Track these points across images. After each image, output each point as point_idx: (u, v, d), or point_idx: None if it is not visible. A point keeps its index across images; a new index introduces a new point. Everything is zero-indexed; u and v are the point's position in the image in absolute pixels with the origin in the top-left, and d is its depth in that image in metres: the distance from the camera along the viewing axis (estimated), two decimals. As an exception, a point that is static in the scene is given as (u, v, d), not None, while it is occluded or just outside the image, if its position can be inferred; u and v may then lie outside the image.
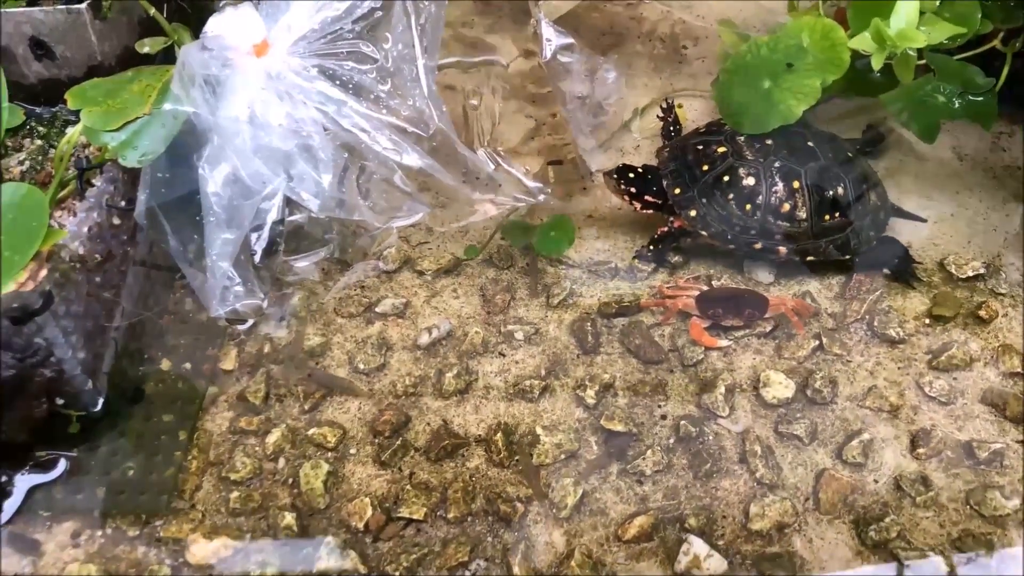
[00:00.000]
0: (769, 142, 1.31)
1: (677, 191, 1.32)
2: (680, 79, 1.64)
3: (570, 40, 1.34)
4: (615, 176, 1.35)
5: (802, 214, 1.28)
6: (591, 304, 1.32)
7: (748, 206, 1.28)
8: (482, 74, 1.54)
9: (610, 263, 1.37)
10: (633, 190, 1.34)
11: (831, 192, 1.29)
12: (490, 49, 1.65)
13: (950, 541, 1.08)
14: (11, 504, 1.11)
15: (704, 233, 1.31)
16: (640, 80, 1.62)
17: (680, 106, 1.53)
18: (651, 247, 1.36)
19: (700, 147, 1.34)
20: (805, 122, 1.35)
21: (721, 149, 1.32)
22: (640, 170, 1.36)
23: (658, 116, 1.50)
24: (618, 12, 1.75)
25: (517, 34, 1.69)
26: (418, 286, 1.35)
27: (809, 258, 1.31)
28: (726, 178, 1.29)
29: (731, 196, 1.29)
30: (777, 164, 1.29)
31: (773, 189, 1.28)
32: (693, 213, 1.30)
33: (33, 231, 0.99)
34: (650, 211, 1.36)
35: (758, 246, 1.30)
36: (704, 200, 1.30)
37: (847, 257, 1.32)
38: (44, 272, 1.02)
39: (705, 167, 1.31)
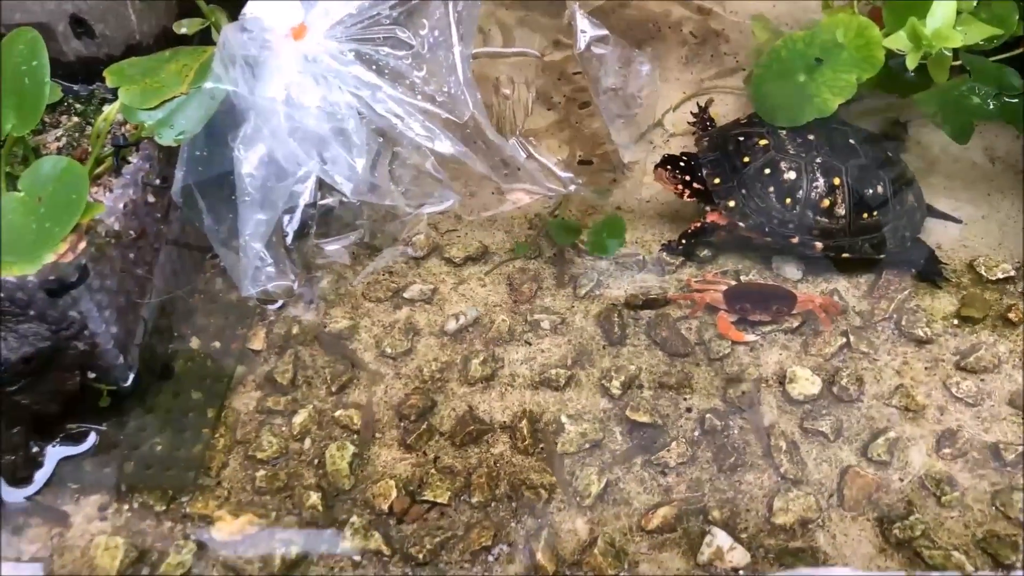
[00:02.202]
0: (811, 137, 1.31)
1: (717, 180, 1.32)
2: (712, 74, 1.63)
3: (604, 32, 1.34)
4: (668, 167, 1.35)
5: (841, 211, 1.28)
6: (618, 296, 1.32)
7: (788, 200, 1.28)
8: (515, 64, 1.55)
9: (638, 255, 1.37)
10: (687, 178, 1.34)
11: (871, 191, 1.29)
12: (524, 39, 1.65)
13: (975, 542, 1.08)
14: (41, 475, 1.12)
15: (741, 224, 1.31)
16: (672, 74, 1.62)
17: (711, 101, 1.53)
18: (682, 241, 1.36)
19: (741, 138, 1.34)
20: (845, 119, 1.35)
21: (763, 142, 1.32)
22: (685, 157, 1.36)
23: (689, 122, 1.50)
24: (651, 6, 1.75)
25: (551, 25, 1.69)
26: (446, 273, 1.35)
27: (844, 255, 1.31)
28: (767, 171, 1.29)
29: (771, 189, 1.29)
30: (819, 160, 1.29)
31: (814, 184, 1.28)
32: (732, 204, 1.30)
33: (73, 203, 1.00)
34: (695, 199, 1.36)
35: (795, 240, 1.30)
36: (743, 191, 1.30)
37: (881, 256, 1.32)
38: (83, 244, 1.03)
39: (746, 158, 1.31)
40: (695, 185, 1.34)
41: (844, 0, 1.50)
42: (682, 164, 1.35)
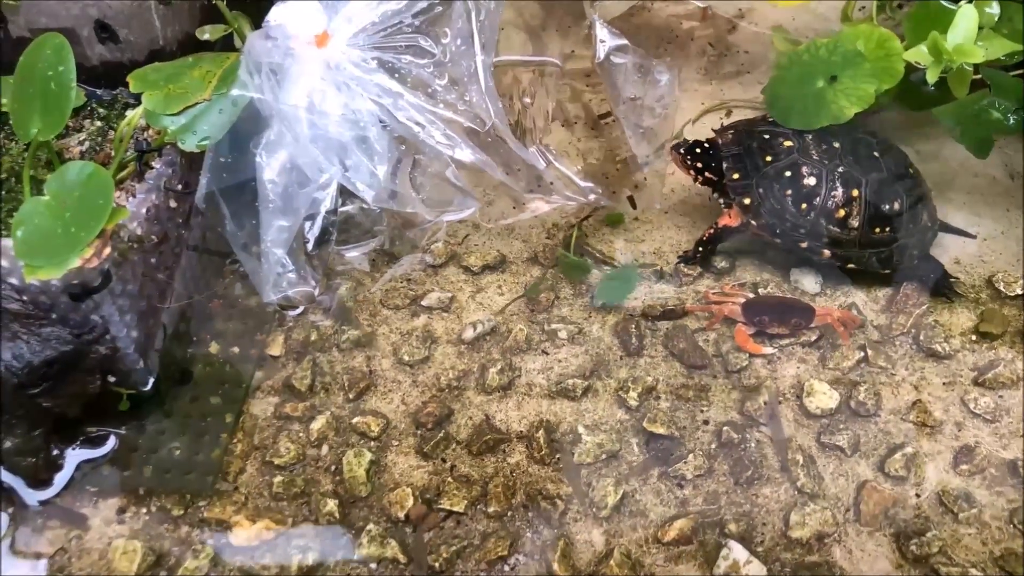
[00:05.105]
0: (837, 145, 1.31)
1: (736, 176, 1.32)
2: (731, 86, 1.63)
3: (624, 41, 1.34)
4: (682, 151, 1.36)
5: (855, 223, 1.28)
6: (635, 306, 1.32)
7: (804, 205, 1.28)
8: (536, 73, 1.55)
9: (655, 266, 1.37)
10: (699, 165, 1.35)
11: (887, 206, 1.29)
12: (545, 48, 1.65)
13: (992, 559, 1.08)
14: (61, 477, 1.13)
15: (753, 223, 1.31)
16: (691, 85, 1.62)
17: (729, 113, 1.53)
18: (698, 248, 1.36)
19: (766, 136, 1.34)
20: (873, 131, 1.35)
21: (788, 143, 1.31)
22: (705, 144, 1.37)
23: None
24: (670, 16, 1.75)
25: (571, 34, 1.70)
26: (463, 281, 1.36)
27: (850, 265, 1.31)
28: (787, 174, 1.29)
29: (789, 192, 1.29)
30: (841, 169, 1.29)
31: (832, 193, 1.28)
32: (747, 201, 1.30)
33: (98, 209, 1.01)
34: (706, 186, 1.37)
35: (804, 245, 1.30)
36: (761, 190, 1.30)
37: (887, 271, 1.32)
38: (108, 250, 1.04)
39: (768, 158, 1.31)
40: (707, 174, 1.35)
41: (863, 13, 1.51)
42: (698, 151, 1.36)
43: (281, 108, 1.14)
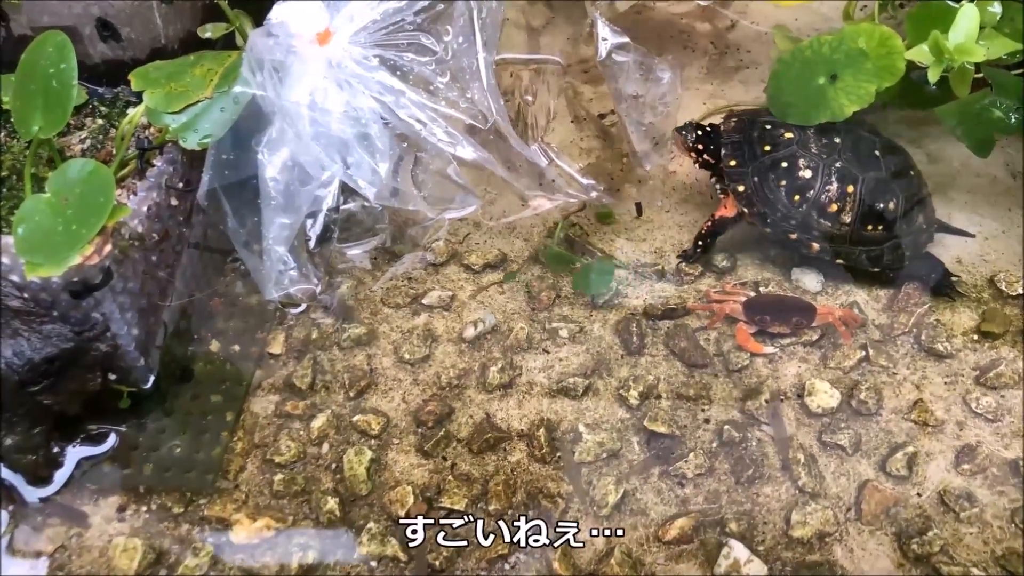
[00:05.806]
0: (837, 140, 1.31)
1: (733, 163, 1.32)
2: (732, 85, 1.63)
3: (626, 39, 1.34)
4: (683, 132, 1.37)
5: (847, 218, 1.28)
6: (636, 305, 1.32)
7: (797, 197, 1.28)
8: (537, 70, 1.56)
9: (656, 265, 1.37)
10: (700, 147, 1.36)
11: (882, 205, 1.29)
12: (546, 46, 1.65)
13: (994, 558, 1.08)
14: (61, 475, 1.13)
15: (745, 211, 1.31)
16: (693, 84, 1.62)
17: (731, 113, 1.53)
18: (698, 243, 1.36)
19: (768, 126, 1.34)
20: (877, 130, 1.35)
21: (788, 135, 1.32)
22: (708, 128, 1.38)
23: None
24: (672, 15, 1.75)
25: (573, 32, 1.70)
26: (464, 280, 1.36)
27: (839, 261, 1.32)
28: (784, 164, 1.30)
29: (783, 183, 1.29)
30: (838, 164, 1.29)
31: (826, 187, 1.28)
32: (741, 188, 1.31)
33: (100, 206, 1.01)
34: (705, 169, 1.38)
35: (793, 236, 1.30)
36: (756, 179, 1.30)
37: (876, 270, 1.32)
38: (108, 247, 1.04)
39: (767, 148, 1.31)
40: (705, 157, 1.36)
41: (865, 12, 1.51)
42: (699, 134, 1.37)
43: (283, 105, 1.14)
